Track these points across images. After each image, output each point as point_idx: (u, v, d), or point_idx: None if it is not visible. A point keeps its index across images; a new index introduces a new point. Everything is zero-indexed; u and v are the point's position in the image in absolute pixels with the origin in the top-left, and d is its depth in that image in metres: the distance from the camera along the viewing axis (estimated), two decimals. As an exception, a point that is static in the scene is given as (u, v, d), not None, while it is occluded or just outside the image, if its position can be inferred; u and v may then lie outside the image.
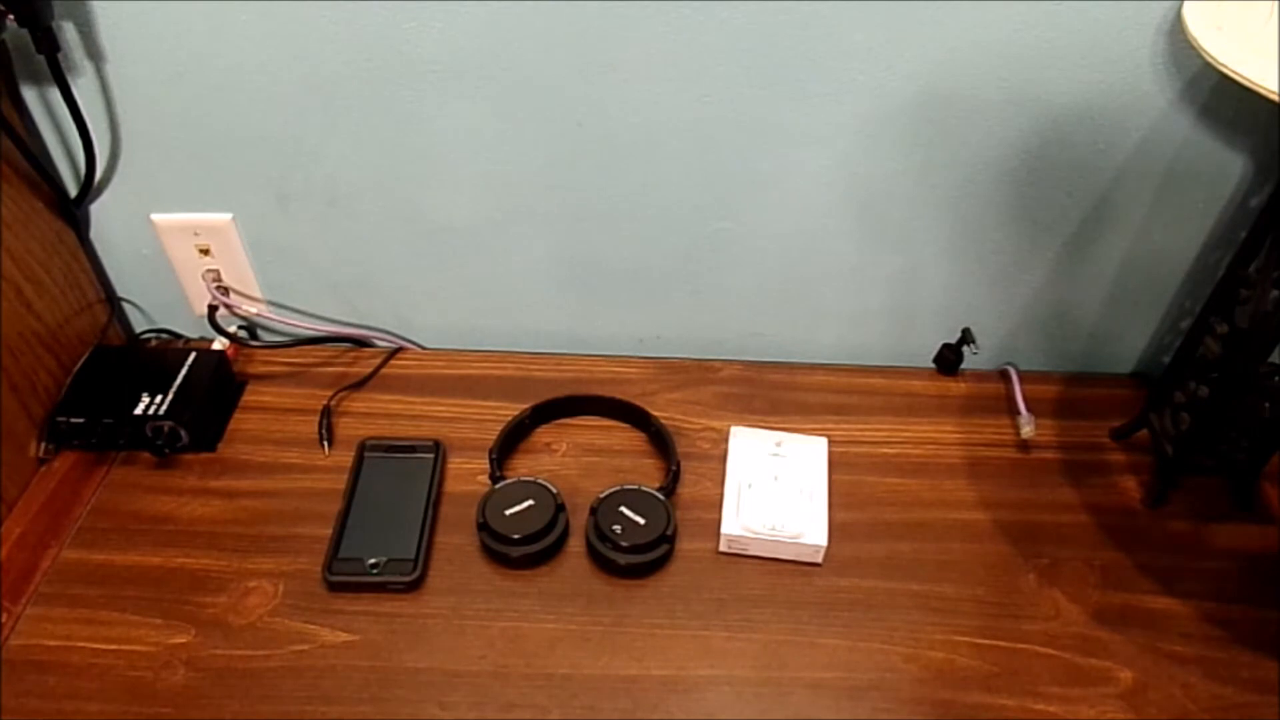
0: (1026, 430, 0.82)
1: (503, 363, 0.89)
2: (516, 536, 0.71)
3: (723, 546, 0.73)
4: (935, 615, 0.69)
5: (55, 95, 0.74)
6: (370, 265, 0.87)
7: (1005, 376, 0.89)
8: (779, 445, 0.79)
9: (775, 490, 0.75)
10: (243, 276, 0.88)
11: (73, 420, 0.77)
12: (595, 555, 0.71)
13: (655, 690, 0.64)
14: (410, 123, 0.76)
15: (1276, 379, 0.69)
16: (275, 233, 0.84)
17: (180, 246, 0.85)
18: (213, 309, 0.87)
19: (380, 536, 0.72)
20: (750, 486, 0.75)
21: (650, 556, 0.70)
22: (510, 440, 0.80)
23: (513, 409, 0.81)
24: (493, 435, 0.79)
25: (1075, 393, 0.89)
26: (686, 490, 0.77)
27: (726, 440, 0.80)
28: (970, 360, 0.89)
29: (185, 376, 0.81)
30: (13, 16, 0.67)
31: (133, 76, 0.74)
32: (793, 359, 0.91)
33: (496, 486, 0.74)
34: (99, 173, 0.80)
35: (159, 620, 0.67)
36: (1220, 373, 0.70)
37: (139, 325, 0.93)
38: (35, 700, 0.62)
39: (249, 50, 0.72)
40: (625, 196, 0.81)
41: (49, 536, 0.72)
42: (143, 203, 0.82)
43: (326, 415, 0.82)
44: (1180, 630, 0.69)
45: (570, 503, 0.74)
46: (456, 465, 0.79)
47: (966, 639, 0.68)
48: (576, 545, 0.73)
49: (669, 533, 0.71)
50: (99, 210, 0.83)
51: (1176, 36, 0.68)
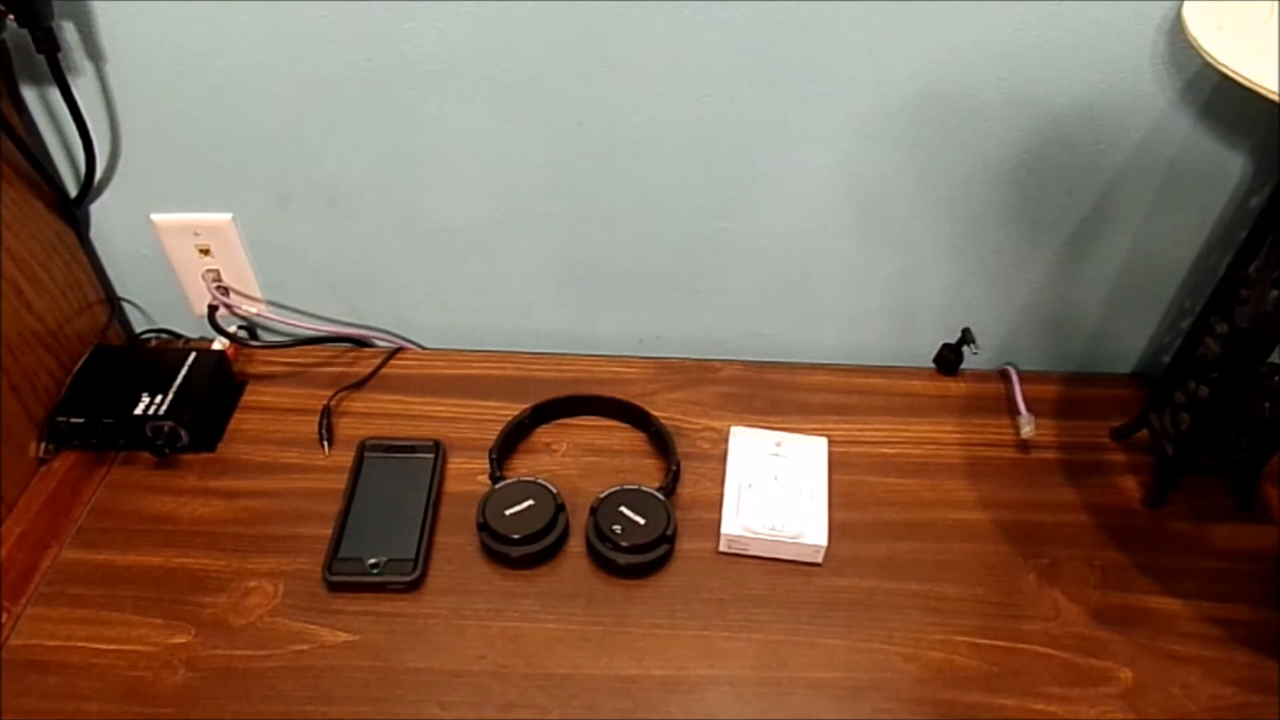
0: (1026, 430, 0.82)
1: (503, 363, 0.89)
2: (516, 536, 0.71)
3: (723, 546, 0.73)
4: (935, 615, 0.69)
5: (55, 95, 0.74)
6: (370, 265, 0.87)
7: (1005, 376, 0.89)
8: (779, 445, 0.79)
9: (775, 490, 0.75)
10: (243, 276, 0.88)
11: (73, 420, 0.77)
12: (595, 555, 0.71)
13: (655, 690, 0.64)
14: (410, 123, 0.76)
15: (1276, 379, 0.69)
16: (275, 233, 0.84)
17: (180, 246, 0.85)
18: (213, 309, 0.87)
19: (380, 536, 0.72)
20: (750, 486, 0.75)
21: (650, 556, 0.70)
22: (510, 440, 0.80)
23: (513, 409, 0.81)
24: (493, 435, 0.79)
25: (1075, 393, 0.89)
26: (686, 490, 0.77)
27: (726, 440, 0.80)
28: (970, 360, 0.89)
29: (185, 376, 0.81)
30: (13, 16, 0.67)
31: (133, 76, 0.74)
32: (793, 359, 0.91)
33: (496, 486, 0.74)
34: (99, 173, 0.80)
35: (159, 620, 0.67)
36: (1220, 373, 0.70)
37: (139, 325, 0.93)
38: (35, 700, 0.62)
39: (249, 50, 0.72)
40: (625, 196, 0.81)
41: (49, 536, 0.72)
42: (143, 203, 0.82)
43: (326, 415, 0.83)
44: (1180, 630, 0.69)
45: (570, 503, 0.74)
46: (456, 465, 0.79)
47: (966, 639, 0.68)
48: (576, 545, 0.73)
49: (669, 533, 0.71)
50: (99, 210, 0.83)
51: (1176, 36, 0.68)
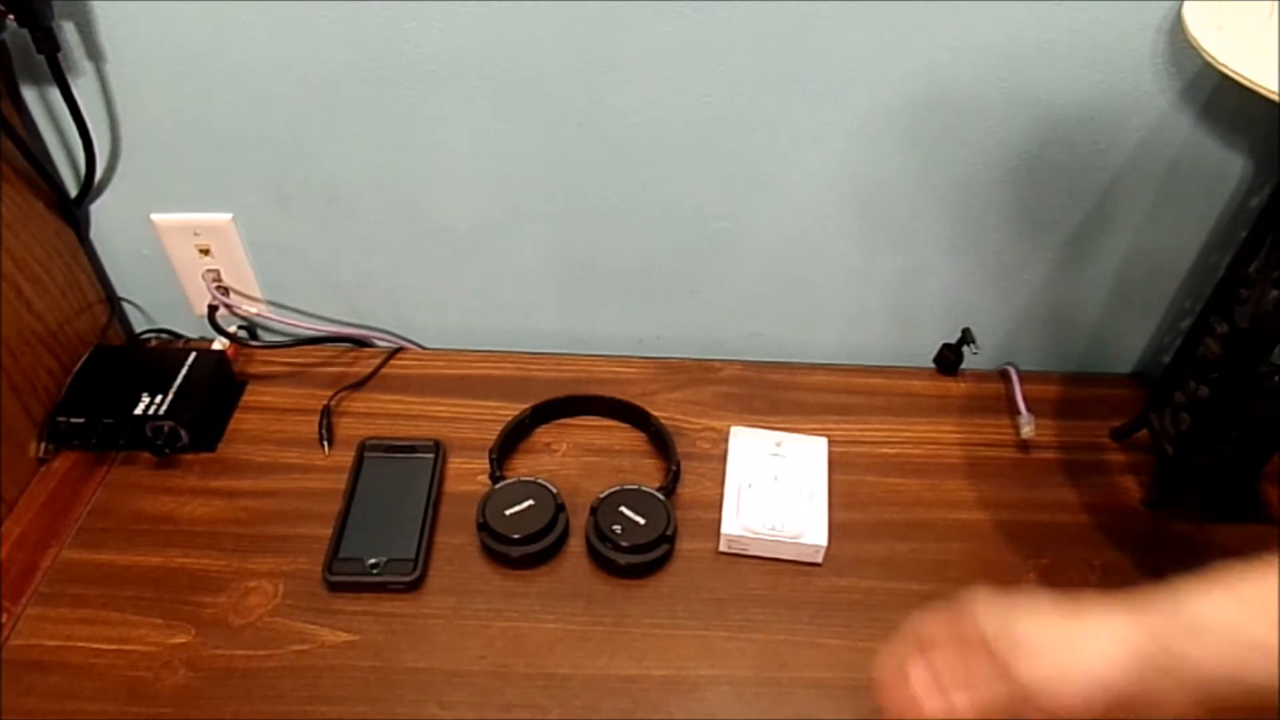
0: (1026, 430, 0.82)
1: (503, 363, 0.89)
2: (516, 536, 0.71)
3: (723, 546, 0.73)
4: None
5: (55, 95, 0.74)
6: (370, 265, 0.87)
7: (1005, 376, 0.89)
8: (779, 445, 0.79)
9: (775, 490, 0.75)
10: (243, 276, 0.88)
11: (73, 420, 0.77)
12: (595, 555, 0.71)
13: (655, 690, 0.64)
14: (410, 123, 0.76)
15: (1276, 379, 0.69)
16: (275, 233, 0.84)
17: (180, 246, 0.85)
18: (213, 309, 0.87)
19: (380, 536, 0.72)
20: (750, 486, 0.75)
21: (650, 556, 0.70)
22: (510, 440, 0.80)
23: (513, 409, 0.81)
24: (493, 435, 0.79)
25: (1075, 393, 0.89)
26: (686, 490, 0.77)
27: (726, 440, 0.80)
28: (970, 360, 0.89)
29: (185, 376, 0.81)
30: (13, 16, 0.67)
31: (133, 76, 0.74)
32: (793, 359, 0.91)
33: (496, 486, 0.74)
34: (99, 173, 0.80)
35: (159, 620, 0.67)
36: (1220, 373, 0.70)
37: (139, 325, 0.93)
38: (35, 700, 0.62)
39: (249, 50, 0.72)
40: (625, 196, 0.81)
41: (49, 536, 0.72)
42: (143, 203, 0.82)
43: (326, 415, 0.82)
44: (1180, 630, 0.69)
45: (570, 503, 0.74)
46: (456, 465, 0.79)
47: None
48: (576, 545, 0.73)
49: (669, 533, 0.71)
50: (99, 210, 0.83)
51: (1176, 36, 0.68)
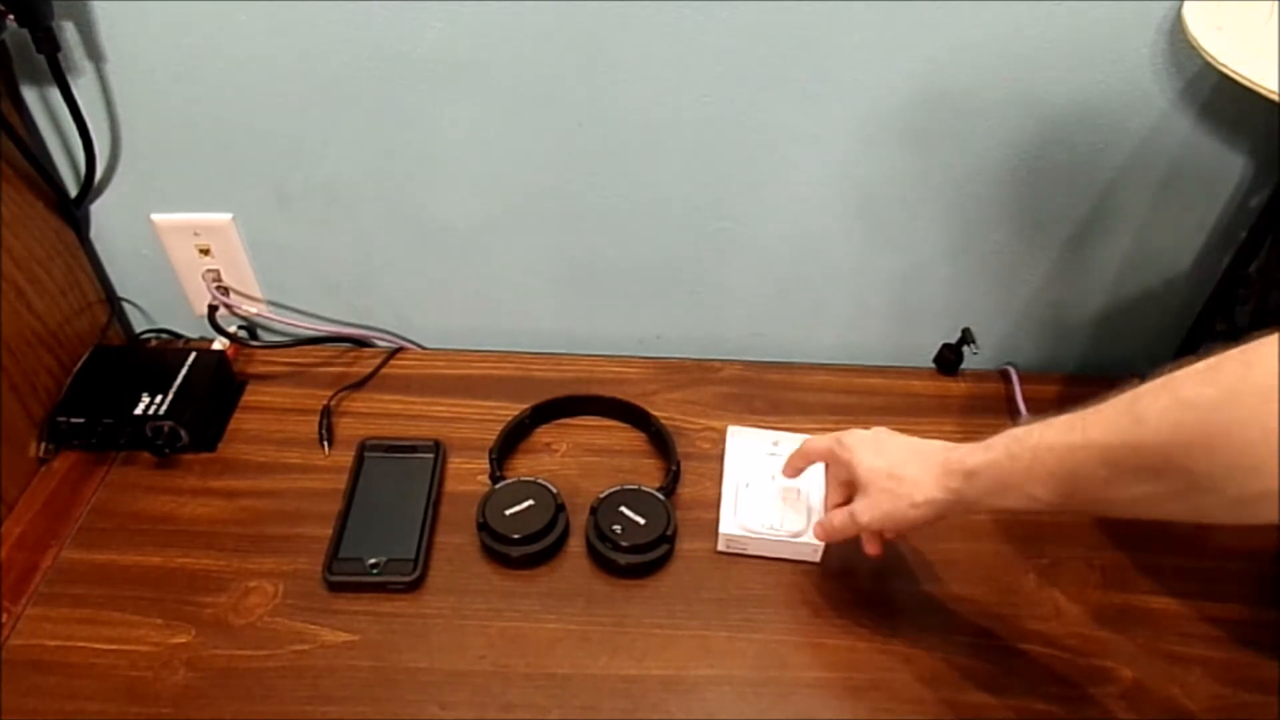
0: (1026, 430, 0.82)
1: (503, 363, 0.89)
2: (516, 536, 0.70)
3: (721, 546, 0.73)
4: (935, 615, 0.69)
5: (55, 95, 0.74)
6: (370, 265, 0.87)
7: (1005, 376, 0.89)
8: (776, 445, 0.79)
9: (773, 489, 0.74)
10: (243, 276, 0.88)
11: (73, 420, 0.77)
12: (595, 555, 0.71)
13: (655, 690, 0.64)
14: (410, 123, 0.76)
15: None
16: (275, 233, 0.84)
17: (180, 246, 0.85)
18: (213, 309, 0.87)
19: (380, 536, 0.72)
20: (748, 486, 0.75)
21: (650, 556, 0.70)
22: (510, 440, 0.80)
23: (513, 409, 0.81)
24: (493, 435, 0.79)
25: (1075, 393, 0.88)
26: (686, 490, 0.77)
27: (725, 440, 0.80)
28: (970, 360, 0.89)
29: (185, 376, 0.81)
30: (13, 16, 0.67)
31: (133, 76, 0.74)
32: (793, 359, 0.91)
33: (496, 486, 0.74)
34: (99, 173, 0.80)
35: (159, 620, 0.67)
36: (1220, 373, 0.70)
37: (139, 325, 0.93)
38: (35, 700, 0.62)
39: (249, 50, 0.72)
40: (625, 196, 0.81)
41: (49, 536, 0.72)
42: (143, 203, 0.82)
43: (326, 415, 0.82)
44: (1180, 630, 0.69)
45: (570, 503, 0.74)
46: (456, 465, 0.79)
47: (966, 639, 0.68)
48: (576, 545, 0.73)
49: (669, 533, 0.71)
50: (99, 210, 0.83)
51: (1176, 36, 0.68)
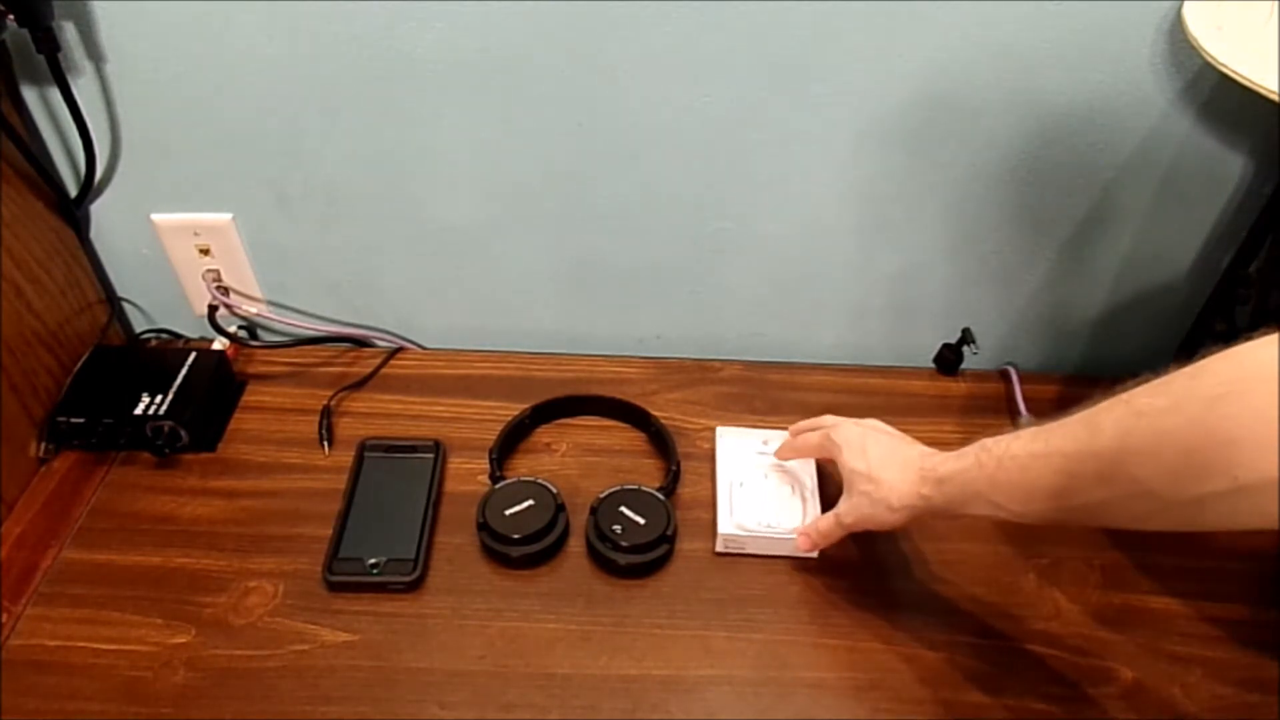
0: (1026, 430, 0.82)
1: (503, 363, 0.89)
2: (516, 536, 0.70)
3: (720, 547, 0.72)
4: (935, 615, 0.69)
5: (55, 95, 0.74)
6: (370, 265, 0.87)
7: (1005, 376, 0.89)
8: (765, 444, 0.78)
9: (767, 487, 0.74)
10: (243, 276, 0.88)
11: (73, 420, 0.77)
12: (595, 555, 0.71)
13: (655, 690, 0.64)
14: (410, 123, 0.76)
15: (1276, 379, 0.69)
16: (275, 233, 0.84)
17: (180, 246, 0.85)
18: (213, 309, 0.87)
19: (380, 536, 0.72)
20: (742, 485, 0.75)
21: (650, 556, 0.70)
22: (510, 440, 0.80)
23: (513, 409, 0.81)
24: (493, 435, 0.79)
25: (1075, 393, 0.88)
26: (686, 490, 0.77)
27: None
28: (970, 360, 0.89)
29: (185, 376, 0.81)
30: (13, 16, 0.67)
31: (133, 76, 0.74)
32: (793, 359, 0.91)
33: (496, 486, 0.74)
34: (99, 173, 0.80)
35: (159, 620, 0.67)
36: (1220, 373, 0.70)
37: (139, 325, 0.93)
38: (35, 700, 0.62)
39: (249, 50, 0.72)
40: (625, 196, 0.81)
41: (49, 536, 0.72)
42: (143, 203, 0.82)
43: (326, 415, 0.82)
44: (1180, 630, 0.69)
45: (570, 503, 0.74)
46: (456, 465, 0.79)
47: (966, 639, 0.68)
48: (576, 545, 0.73)
49: (669, 533, 0.71)
50: (99, 210, 0.83)
51: (1176, 36, 0.68)
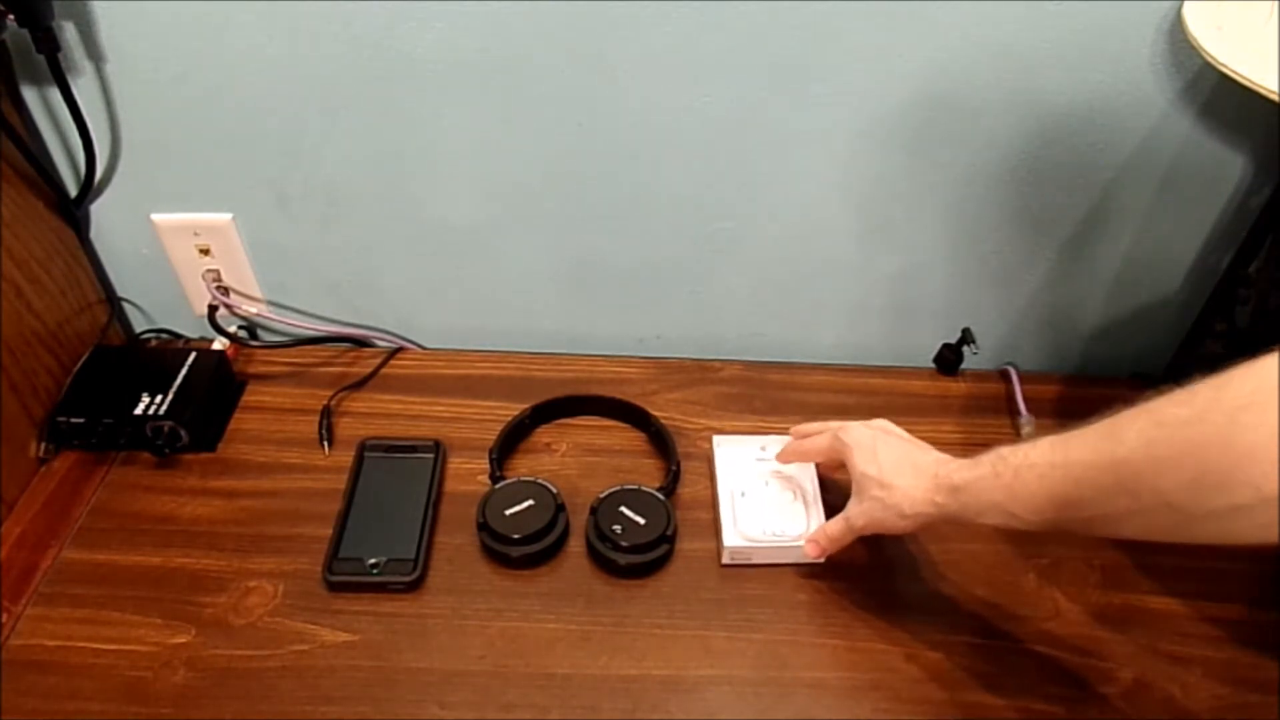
0: (1026, 430, 0.82)
1: (503, 363, 0.89)
2: (516, 536, 0.70)
3: (725, 559, 0.72)
4: (935, 615, 0.69)
5: (55, 95, 0.74)
6: (370, 265, 0.87)
7: (1005, 376, 0.89)
8: (764, 449, 0.78)
9: (768, 495, 0.74)
10: (243, 276, 0.88)
11: (73, 420, 0.77)
12: (595, 555, 0.71)
13: (655, 690, 0.64)
14: (410, 123, 0.76)
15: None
16: (275, 233, 0.84)
17: (180, 246, 0.85)
18: (213, 309, 0.87)
19: (380, 536, 0.72)
20: (744, 495, 0.74)
21: (650, 557, 0.70)
22: (510, 440, 0.80)
23: (513, 409, 0.81)
24: (493, 435, 0.79)
25: (1075, 393, 0.89)
26: (686, 490, 0.77)
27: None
28: (970, 360, 0.89)
29: (185, 376, 0.81)
30: (13, 16, 0.67)
31: (133, 76, 0.74)
32: (793, 359, 0.91)
33: (496, 486, 0.74)
34: (99, 173, 0.80)
35: (159, 620, 0.67)
36: (1220, 373, 0.70)
37: (139, 325, 0.93)
38: (35, 700, 0.62)
39: (249, 50, 0.72)
40: (625, 196, 0.81)
41: (49, 536, 0.72)
42: (143, 203, 0.82)
43: (326, 415, 0.82)
44: (1180, 630, 0.69)
45: (570, 503, 0.74)
46: (456, 465, 0.79)
47: (966, 639, 0.68)
48: (576, 545, 0.73)
49: (669, 533, 0.71)
50: (99, 210, 0.83)
51: (1176, 36, 0.68)
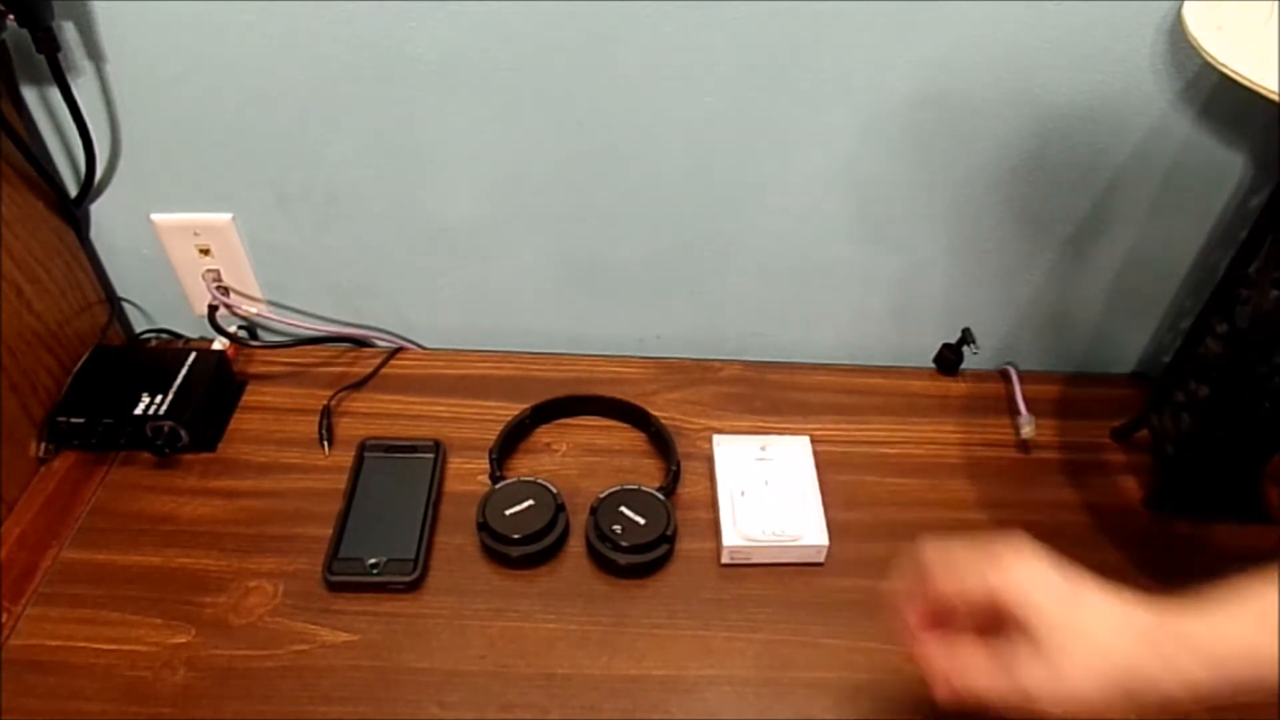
0: (1026, 430, 0.82)
1: (503, 363, 0.89)
2: (516, 536, 0.70)
3: (725, 559, 0.72)
4: (935, 615, 0.69)
5: (55, 95, 0.74)
6: (370, 265, 0.87)
7: (1005, 376, 0.89)
8: (764, 449, 0.78)
9: (768, 495, 0.74)
10: (243, 276, 0.88)
11: (73, 420, 0.77)
12: (595, 555, 0.71)
13: (655, 690, 0.64)
14: (410, 123, 0.76)
15: (1277, 379, 0.69)
16: (275, 233, 0.84)
17: (180, 246, 0.85)
18: (213, 309, 0.87)
19: (380, 536, 0.72)
20: (743, 495, 0.74)
21: (650, 556, 0.70)
22: (510, 440, 0.80)
23: (513, 409, 0.81)
24: (493, 435, 0.79)
25: (1075, 393, 0.89)
26: (686, 490, 0.77)
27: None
28: (970, 360, 0.89)
29: (185, 376, 0.81)
30: (13, 16, 0.67)
31: (133, 76, 0.74)
32: (793, 359, 0.91)
33: (496, 486, 0.74)
34: (99, 173, 0.80)
35: (159, 620, 0.67)
36: (1220, 373, 0.70)
37: (139, 325, 0.93)
38: (35, 700, 0.62)
39: (249, 50, 0.72)
40: (625, 196, 0.81)
41: (49, 536, 0.72)
42: (143, 203, 0.82)
43: (326, 415, 0.82)
44: (1180, 630, 0.69)
45: (570, 503, 0.74)
46: (456, 465, 0.79)
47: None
48: (576, 545, 0.73)
49: (669, 533, 0.71)
50: (99, 210, 0.83)
51: (1176, 36, 0.68)
